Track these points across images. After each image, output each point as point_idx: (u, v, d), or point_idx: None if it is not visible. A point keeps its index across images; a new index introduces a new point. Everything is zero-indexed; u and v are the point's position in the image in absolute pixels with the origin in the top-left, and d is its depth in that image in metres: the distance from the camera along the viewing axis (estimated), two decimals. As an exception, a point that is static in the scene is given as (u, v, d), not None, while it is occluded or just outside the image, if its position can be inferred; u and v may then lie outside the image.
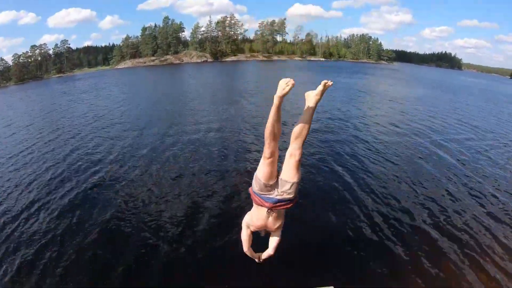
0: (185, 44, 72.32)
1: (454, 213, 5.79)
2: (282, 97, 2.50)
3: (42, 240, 4.86)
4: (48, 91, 29.97)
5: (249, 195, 5.13)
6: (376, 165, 8.18)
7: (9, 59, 56.79)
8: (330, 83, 2.53)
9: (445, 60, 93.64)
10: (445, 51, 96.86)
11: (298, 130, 2.64)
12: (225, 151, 9.11)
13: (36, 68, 58.45)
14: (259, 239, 2.93)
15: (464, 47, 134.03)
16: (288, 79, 2.45)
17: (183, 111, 15.56)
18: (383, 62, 78.19)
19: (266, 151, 2.61)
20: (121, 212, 5.63)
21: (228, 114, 14.40)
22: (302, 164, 6.94)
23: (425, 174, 7.65)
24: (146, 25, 71.72)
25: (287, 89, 2.44)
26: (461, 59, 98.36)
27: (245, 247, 3.44)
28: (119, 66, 66.16)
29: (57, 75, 58.66)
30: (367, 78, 37.00)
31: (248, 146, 9.64)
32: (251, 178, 7.20)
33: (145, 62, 66.42)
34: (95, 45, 78.29)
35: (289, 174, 2.66)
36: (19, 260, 4.42)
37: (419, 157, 8.89)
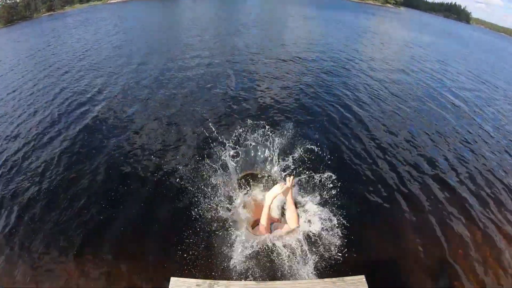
0: (182, -24, 64.04)
1: (475, 169, 5.19)
2: (275, 197, 2.86)
3: (29, 192, 4.19)
4: (37, 30, 26.50)
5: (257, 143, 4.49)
6: (389, 105, 7.48)
7: (-4, 2, 49.98)
8: (292, 177, 3.13)
9: (454, 12, 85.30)
10: (455, 2, 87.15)
11: (290, 217, 2.91)
12: (231, 84, 8.02)
13: (24, 8, 52.09)
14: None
15: (475, 1, 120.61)
16: (281, 183, 3.01)
17: (183, 44, 13.52)
18: (390, 5, 70.89)
19: (264, 229, 2.84)
20: (116, 157, 4.82)
21: (230, 46, 12.67)
22: (317, 105, 6.63)
23: (441, 122, 7.00)
24: (140, -46, 62.05)
25: (280, 191, 2.85)
26: (470, 13, 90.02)
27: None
28: (113, 1, 58.72)
29: (47, 14, 52.22)
30: (374, 20, 33.64)
31: (256, 77, 8.59)
32: (262, 110, 6.77)
33: (139, -3, 59.32)
34: (86, -21, 68.69)
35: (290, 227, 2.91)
36: (4, 215, 3.82)
37: (435, 104, 8.15)
